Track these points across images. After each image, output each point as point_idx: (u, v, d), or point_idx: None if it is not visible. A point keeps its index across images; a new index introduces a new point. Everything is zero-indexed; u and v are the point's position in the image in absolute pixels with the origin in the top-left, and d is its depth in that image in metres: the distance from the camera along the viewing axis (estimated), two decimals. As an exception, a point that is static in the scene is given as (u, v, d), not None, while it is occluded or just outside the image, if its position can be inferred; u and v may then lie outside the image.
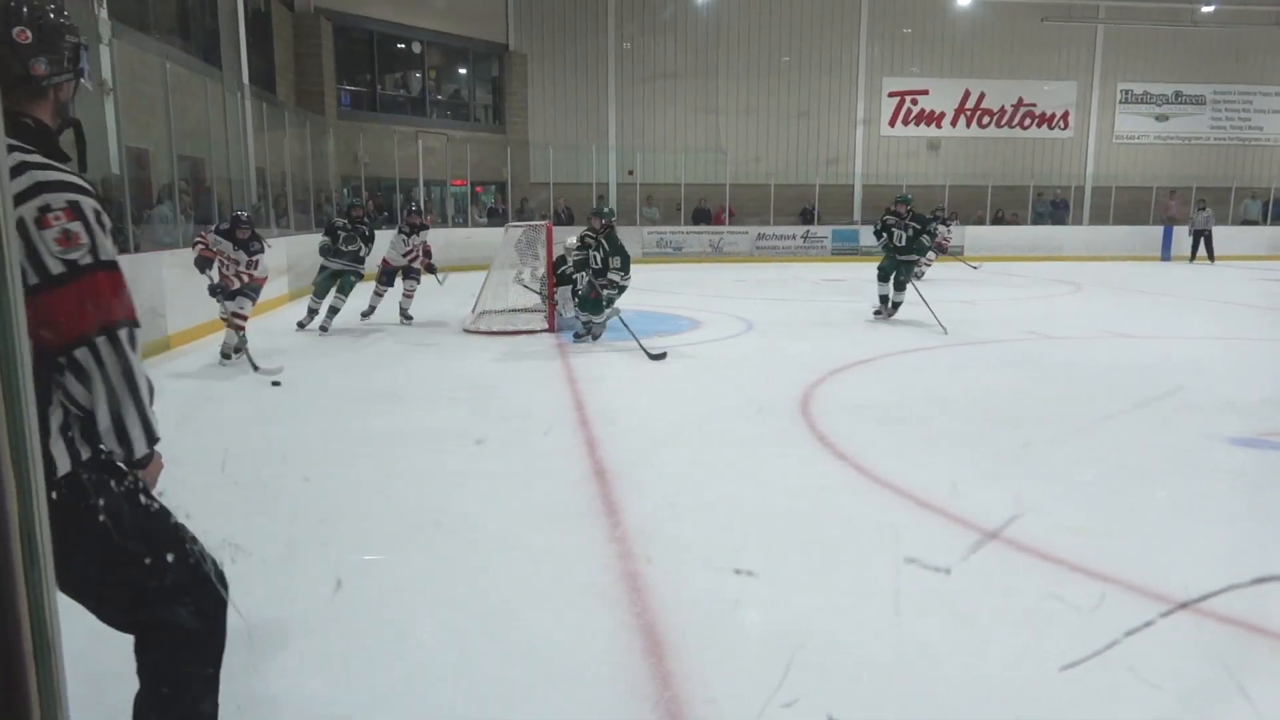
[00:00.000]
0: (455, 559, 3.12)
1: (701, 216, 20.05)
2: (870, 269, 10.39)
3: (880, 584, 2.88)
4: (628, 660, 2.39)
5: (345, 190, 16.68)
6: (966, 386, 6.31)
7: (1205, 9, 20.87)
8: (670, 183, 20.10)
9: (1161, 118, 22.34)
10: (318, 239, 9.03)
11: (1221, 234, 19.87)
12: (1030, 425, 5.10)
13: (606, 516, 3.51)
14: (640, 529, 3.37)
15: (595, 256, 7.84)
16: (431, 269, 9.28)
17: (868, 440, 4.68)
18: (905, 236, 9.32)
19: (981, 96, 21.64)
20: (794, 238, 19.83)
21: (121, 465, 1.53)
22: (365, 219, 8.76)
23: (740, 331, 8.84)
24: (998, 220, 21.06)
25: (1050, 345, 8.07)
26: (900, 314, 9.56)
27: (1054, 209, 21.66)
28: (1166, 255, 20.42)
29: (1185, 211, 21.02)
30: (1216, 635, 2.56)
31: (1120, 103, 22.14)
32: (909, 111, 21.57)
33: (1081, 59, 21.85)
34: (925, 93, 21.49)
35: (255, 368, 6.30)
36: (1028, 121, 21.93)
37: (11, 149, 1.36)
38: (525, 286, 9.01)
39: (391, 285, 9.24)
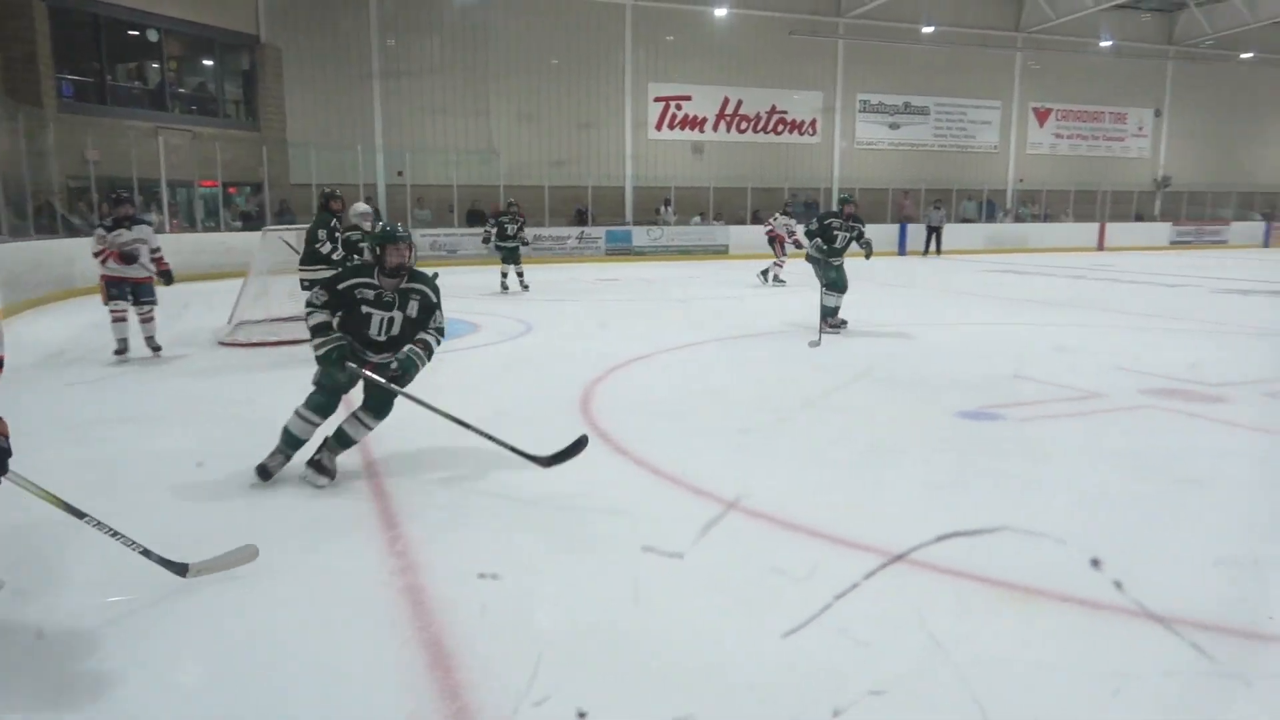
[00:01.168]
0: (212, 593, 2.85)
1: (475, 218, 19.79)
2: (646, 268, 10.67)
3: (636, 572, 2.98)
4: (413, 680, 2.31)
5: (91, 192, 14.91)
6: (740, 378, 6.66)
7: (925, 30, 23.31)
8: (442, 184, 19.69)
9: (894, 126, 24.68)
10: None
11: (951, 230, 22.46)
12: (796, 410, 5.46)
13: (385, 530, 3.37)
14: (421, 540, 3.27)
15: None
16: (166, 275, 7.35)
17: (646, 434, 4.81)
18: (848, 239, 8.80)
19: (739, 103, 22.93)
20: (569, 239, 20.06)
21: None
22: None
23: (520, 333, 8.81)
24: (757, 220, 22.36)
25: (807, 336, 8.67)
26: (677, 310, 9.90)
27: (806, 209, 23.34)
28: (903, 250, 22.72)
29: (919, 210, 23.48)
30: (917, 587, 2.82)
31: (860, 111, 24.25)
32: (674, 116, 22.45)
33: (825, 71, 23.71)
34: (688, 98, 22.46)
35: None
36: (780, 128, 23.50)
37: None
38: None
39: (128, 301, 7.18)
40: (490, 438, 3.88)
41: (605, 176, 21.59)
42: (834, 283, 8.68)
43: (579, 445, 3.86)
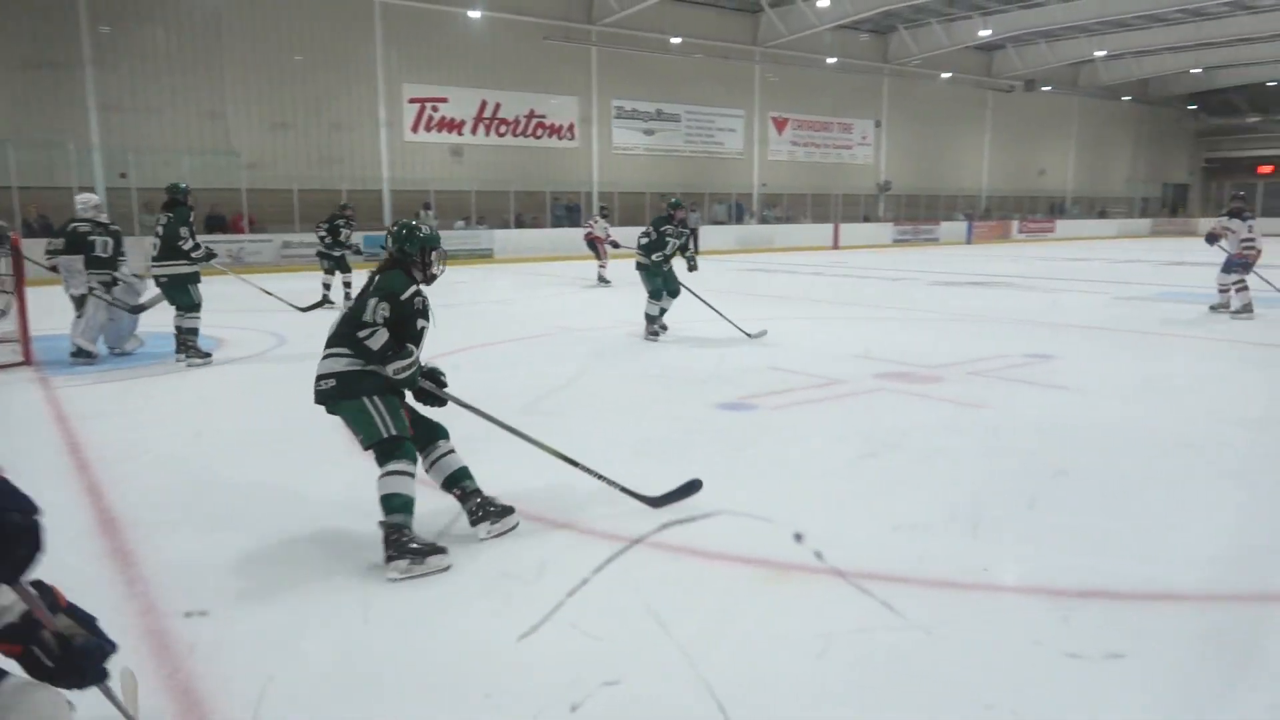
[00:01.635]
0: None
1: (216, 224, 18.31)
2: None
3: (365, 592, 2.92)
4: (159, 729, 2.11)
5: None
6: (507, 377, 6.63)
7: (674, 40, 24.39)
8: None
9: (649, 132, 25.62)
10: None
11: (704, 232, 23.66)
12: (570, 410, 5.53)
13: (122, 571, 3.05)
14: (169, 576, 2.99)
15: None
16: None
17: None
18: (676, 245, 8.67)
19: (497, 106, 22.83)
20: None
21: None
22: None
23: (272, 347, 8.26)
24: (520, 224, 22.45)
25: (577, 336, 8.82)
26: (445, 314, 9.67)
27: (569, 212, 23.72)
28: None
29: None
30: (644, 575, 3.01)
31: (615, 118, 24.94)
32: (431, 118, 21.96)
33: (580, 77, 24.16)
34: (445, 100, 22.05)
35: None
36: (540, 132, 23.67)
37: None
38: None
39: None
40: (599, 476, 3.57)
41: (361, 179, 20.74)
42: (658, 290, 8.56)
43: (692, 487, 3.62)
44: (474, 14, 21.59)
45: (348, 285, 11.60)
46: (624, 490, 3.56)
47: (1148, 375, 6.86)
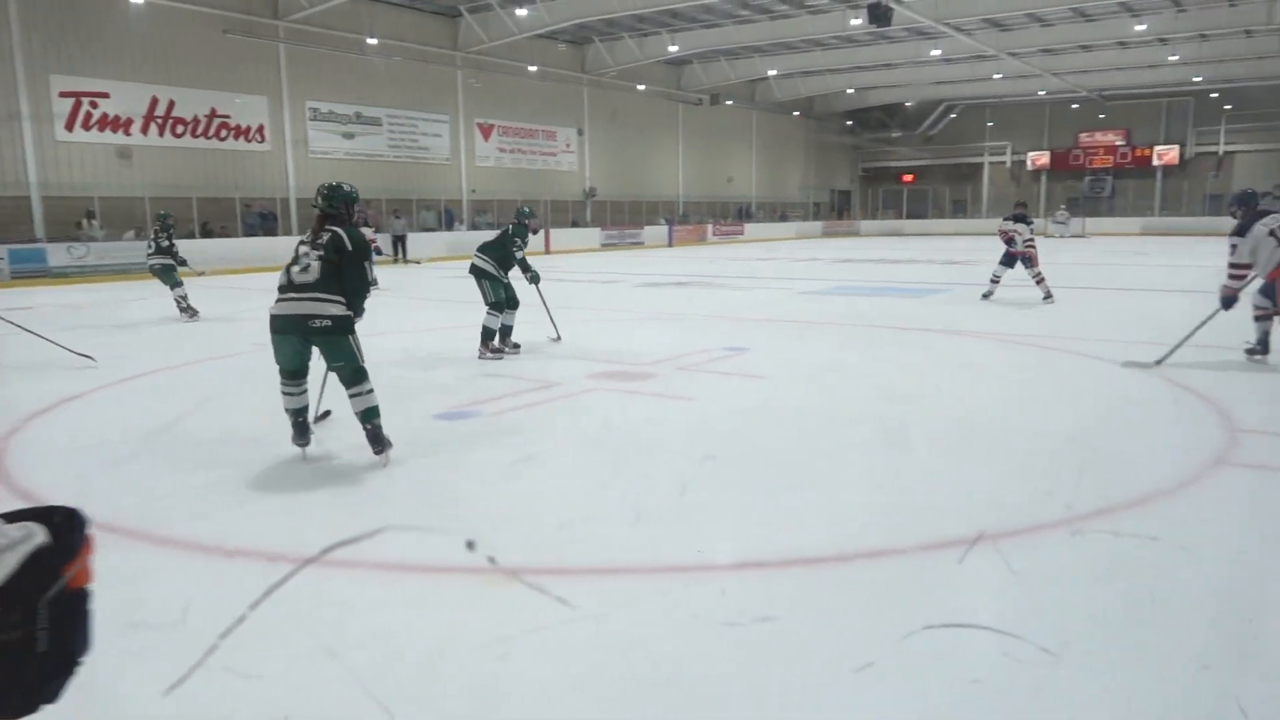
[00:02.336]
0: None
1: None
2: (69, 292, 9.12)
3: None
4: None
5: None
6: (190, 407, 6.04)
7: (370, 41, 23.48)
8: None
9: (349, 135, 24.49)
10: None
11: (415, 239, 23.09)
12: (271, 433, 5.15)
13: None
14: None
15: None
16: None
17: (95, 486, 4.13)
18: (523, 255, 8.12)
19: (172, 104, 20.66)
20: (-44, 261, 16.19)
21: None
22: None
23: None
24: (207, 233, 20.49)
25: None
26: (123, 336, 8.62)
27: (264, 220, 22.03)
28: (370, 259, 22.69)
29: (381, 220, 23.64)
30: (309, 601, 2.79)
31: (311, 120, 23.55)
32: (90, 115, 19.40)
33: (269, 75, 22.54)
34: (106, 96, 19.57)
35: None
36: (224, 133, 21.75)
37: None
38: None
39: None
40: None
41: (1, 184, 17.88)
42: (506, 301, 7.88)
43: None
44: (135, 0, 19.37)
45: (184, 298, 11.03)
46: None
47: (826, 361, 7.70)
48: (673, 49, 28.79)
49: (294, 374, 4.44)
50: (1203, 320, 6.94)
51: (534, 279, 8.07)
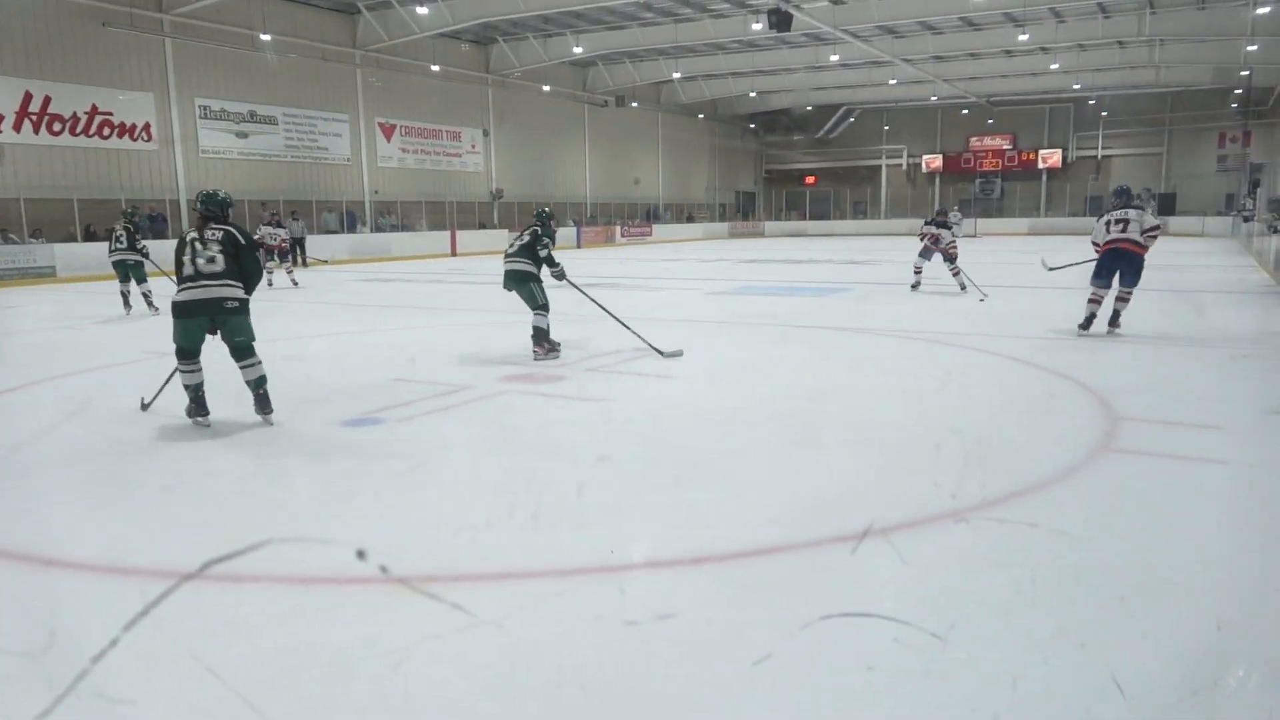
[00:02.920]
0: None
1: None
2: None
3: None
4: None
5: None
6: (94, 415, 5.73)
7: (263, 37, 22.67)
8: None
9: (242, 134, 23.59)
10: None
11: (315, 241, 22.43)
12: (165, 445, 4.92)
13: None
14: None
15: None
16: None
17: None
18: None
19: (48, 100, 19.50)
20: None
21: None
22: None
23: None
24: (91, 237, 19.43)
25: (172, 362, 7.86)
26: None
27: (153, 222, 21.02)
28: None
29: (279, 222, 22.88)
30: (191, 622, 2.68)
31: (201, 118, 22.59)
32: (-45, 111, 18.19)
33: (154, 71, 21.52)
34: (-27, 90, 18.37)
35: None
36: (107, 131, 20.66)
37: None
38: None
39: None
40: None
41: None
42: (547, 303, 7.71)
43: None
44: (7, -10, 18.24)
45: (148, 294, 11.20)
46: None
47: (734, 360, 7.81)
48: (577, 50, 28.75)
49: (193, 354, 5.24)
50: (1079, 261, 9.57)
51: (559, 274, 7.87)
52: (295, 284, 15.63)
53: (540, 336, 7.68)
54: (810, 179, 47.88)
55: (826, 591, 2.94)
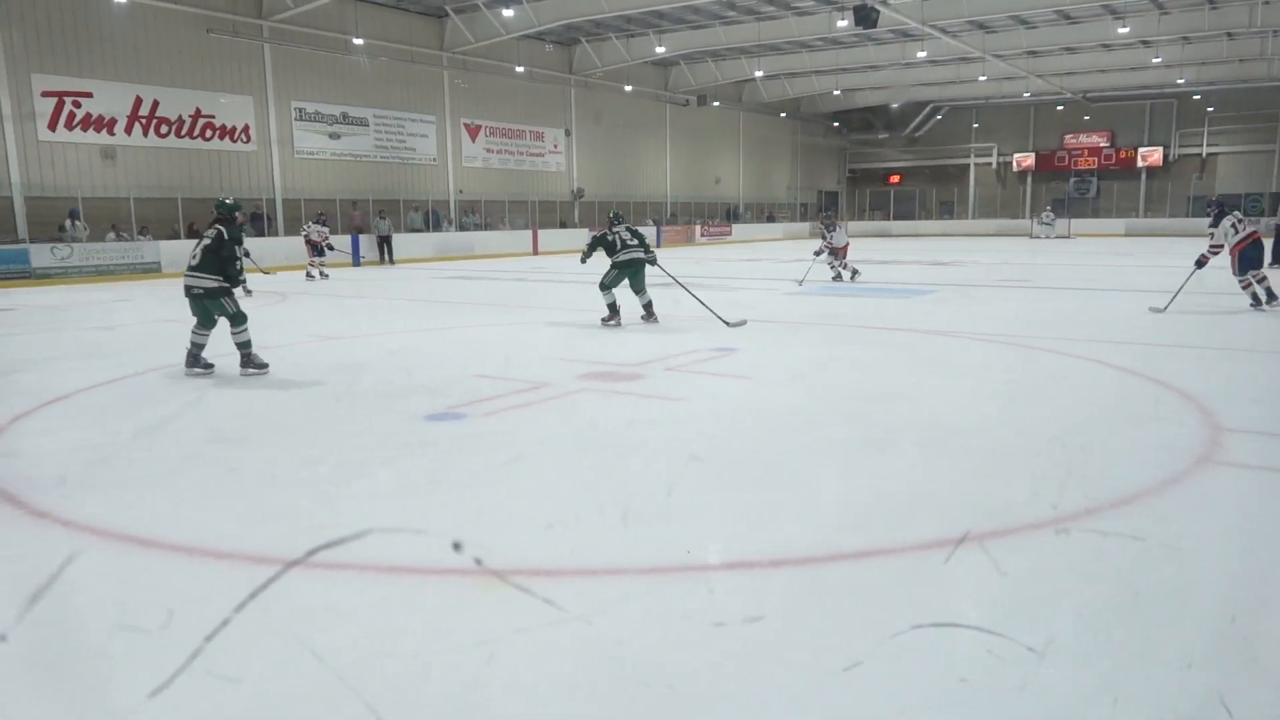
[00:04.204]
0: None
1: None
2: (52, 293, 9.07)
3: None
4: None
5: None
6: (178, 408, 6.00)
7: (356, 41, 23.36)
8: None
9: (335, 135, 24.36)
10: None
11: (401, 240, 23.02)
12: (258, 436, 5.12)
13: None
14: None
15: None
16: None
17: (79, 487, 4.09)
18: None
19: (156, 104, 20.50)
20: (-63, 262, 16.03)
21: None
22: None
23: None
24: (193, 234, 20.33)
25: (267, 355, 8.17)
26: (100, 337, 8.54)
27: (251, 221, 21.89)
28: (357, 261, 22.64)
29: (368, 221, 23.62)
30: (294, 605, 2.79)
31: (296, 120, 23.41)
32: (74, 115, 19.23)
33: (254, 75, 22.40)
34: (89, 95, 19.40)
35: None
36: (209, 133, 21.59)
37: None
38: None
39: None
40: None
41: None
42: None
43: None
44: None
45: None
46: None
47: (812, 361, 7.71)
48: (660, 50, 28.79)
49: (200, 323, 6.93)
50: (1185, 279, 10.48)
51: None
52: (325, 276, 17.63)
53: (650, 309, 10.02)
54: (895, 178, 46.96)
55: (918, 599, 2.88)
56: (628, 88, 32.12)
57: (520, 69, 27.86)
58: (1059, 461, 4.37)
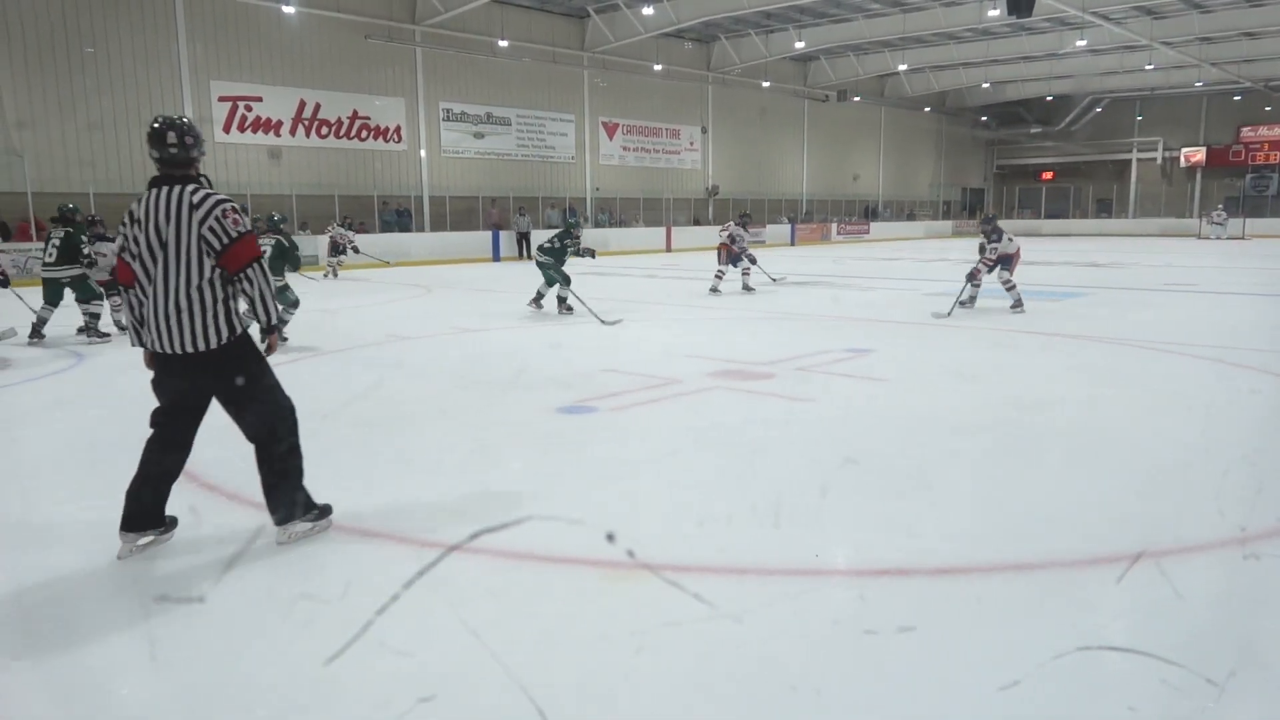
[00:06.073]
0: None
1: (-2, 232, 16.52)
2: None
3: (148, 626, 2.73)
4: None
5: None
6: (334, 392, 6.32)
7: (501, 43, 24.11)
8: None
9: (479, 135, 25.21)
10: None
11: (539, 236, 23.56)
12: (397, 422, 5.33)
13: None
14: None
15: None
16: None
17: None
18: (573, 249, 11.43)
19: (318, 107, 21.80)
20: (126, 253, 17.54)
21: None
22: None
23: (65, 368, 7.51)
24: (349, 229, 21.48)
25: (409, 345, 8.54)
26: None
27: (399, 217, 22.99)
28: (497, 256, 23.38)
29: (507, 218, 24.32)
30: (455, 586, 2.91)
31: (443, 120, 24.38)
32: (245, 118, 20.70)
33: (406, 78, 23.46)
34: (259, 99, 20.83)
35: None
36: (364, 134, 22.79)
37: (200, 188, 3.32)
38: None
39: None
40: None
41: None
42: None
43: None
44: (288, 9, 20.45)
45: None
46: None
47: (951, 365, 7.38)
48: (799, 45, 28.33)
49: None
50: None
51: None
52: (336, 276, 17.54)
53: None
54: (1047, 174, 44.55)
55: (1082, 619, 2.69)
56: (765, 84, 31.77)
57: (658, 67, 28.02)
58: (1248, 481, 3.99)
